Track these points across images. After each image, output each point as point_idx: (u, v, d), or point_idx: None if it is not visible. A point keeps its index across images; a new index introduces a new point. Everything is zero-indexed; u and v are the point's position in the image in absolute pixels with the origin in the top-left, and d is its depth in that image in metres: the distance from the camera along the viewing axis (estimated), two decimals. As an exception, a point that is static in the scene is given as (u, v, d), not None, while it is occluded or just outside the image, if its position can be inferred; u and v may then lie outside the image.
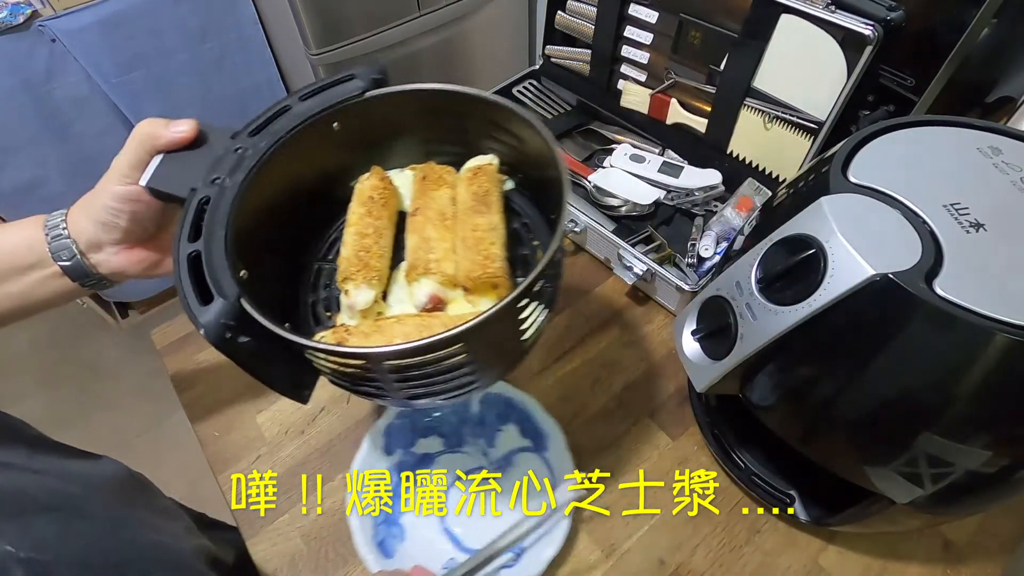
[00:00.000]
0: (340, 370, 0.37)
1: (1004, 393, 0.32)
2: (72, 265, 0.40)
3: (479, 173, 0.46)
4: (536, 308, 0.38)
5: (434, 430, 0.58)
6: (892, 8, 0.53)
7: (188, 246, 0.37)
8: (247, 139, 0.42)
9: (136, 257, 0.42)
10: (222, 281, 0.35)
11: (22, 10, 1.09)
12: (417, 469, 0.55)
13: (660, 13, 0.70)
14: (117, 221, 0.40)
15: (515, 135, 0.45)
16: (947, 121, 0.42)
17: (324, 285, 0.47)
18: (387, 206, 0.46)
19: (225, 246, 0.36)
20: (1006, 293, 0.31)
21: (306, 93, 0.44)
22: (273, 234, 0.43)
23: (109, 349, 1.68)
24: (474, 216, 0.44)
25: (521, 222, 0.48)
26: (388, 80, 0.46)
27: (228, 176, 0.39)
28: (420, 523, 0.53)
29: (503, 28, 1.50)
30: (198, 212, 0.38)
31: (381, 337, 0.37)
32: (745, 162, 0.70)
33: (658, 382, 0.62)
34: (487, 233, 0.42)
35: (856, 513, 0.45)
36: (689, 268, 0.66)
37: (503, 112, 0.44)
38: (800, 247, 0.36)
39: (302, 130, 0.43)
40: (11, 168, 1.26)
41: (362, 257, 0.43)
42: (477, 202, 0.44)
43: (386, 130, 0.49)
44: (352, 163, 0.48)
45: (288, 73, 1.44)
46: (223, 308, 0.34)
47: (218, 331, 0.33)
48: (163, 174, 0.40)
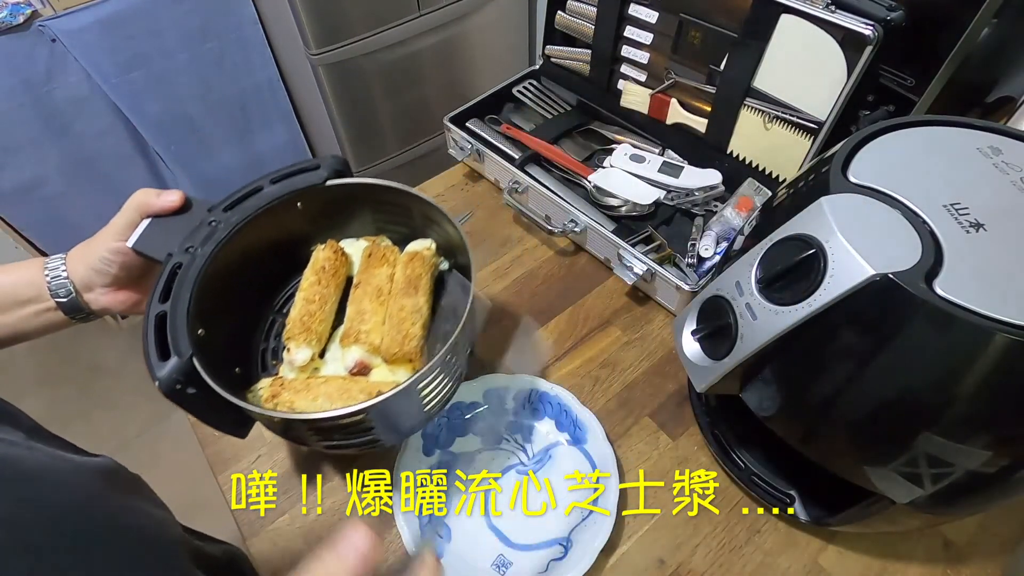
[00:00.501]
0: (269, 423, 0.47)
1: (1004, 393, 0.32)
2: (67, 302, 0.47)
3: (414, 259, 0.54)
4: (439, 384, 0.46)
5: (471, 429, 0.58)
6: (892, 8, 0.53)
7: (158, 306, 0.44)
8: (221, 213, 0.50)
9: (121, 297, 0.49)
10: (180, 341, 0.42)
11: (22, 10, 1.09)
12: (456, 468, 0.55)
13: (660, 13, 0.70)
14: (109, 269, 0.47)
15: (442, 225, 0.54)
16: (947, 121, 0.42)
17: (275, 335, 0.56)
18: (336, 275, 0.55)
19: (188, 309, 0.44)
20: (1006, 293, 0.31)
21: (276, 177, 0.53)
22: (234, 294, 0.51)
23: (109, 349, 1.68)
24: (403, 297, 0.52)
25: (449, 300, 0.57)
26: (348, 171, 0.55)
27: (200, 246, 0.47)
28: (465, 521, 0.53)
29: (503, 28, 1.50)
30: (170, 276, 0.46)
31: (308, 394, 0.46)
32: (745, 162, 0.70)
33: (658, 382, 0.62)
34: (411, 314, 0.51)
35: (856, 513, 0.45)
36: (689, 268, 0.66)
37: (431, 208, 0.53)
38: (800, 247, 0.36)
39: (268, 208, 0.52)
40: (11, 168, 1.26)
41: (306, 321, 0.51)
42: (408, 285, 0.52)
43: (343, 210, 0.58)
44: (312, 232, 0.57)
45: (288, 73, 1.44)
46: (176, 365, 0.41)
47: (170, 384, 0.41)
48: (147, 236, 0.47)
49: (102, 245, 0.47)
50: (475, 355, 0.62)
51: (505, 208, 0.78)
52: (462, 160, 0.82)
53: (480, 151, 0.78)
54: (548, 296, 0.70)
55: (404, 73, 1.35)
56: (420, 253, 0.55)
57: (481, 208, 0.79)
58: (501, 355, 0.64)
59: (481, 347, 0.65)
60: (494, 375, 0.60)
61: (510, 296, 0.70)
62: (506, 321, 0.67)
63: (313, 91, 1.33)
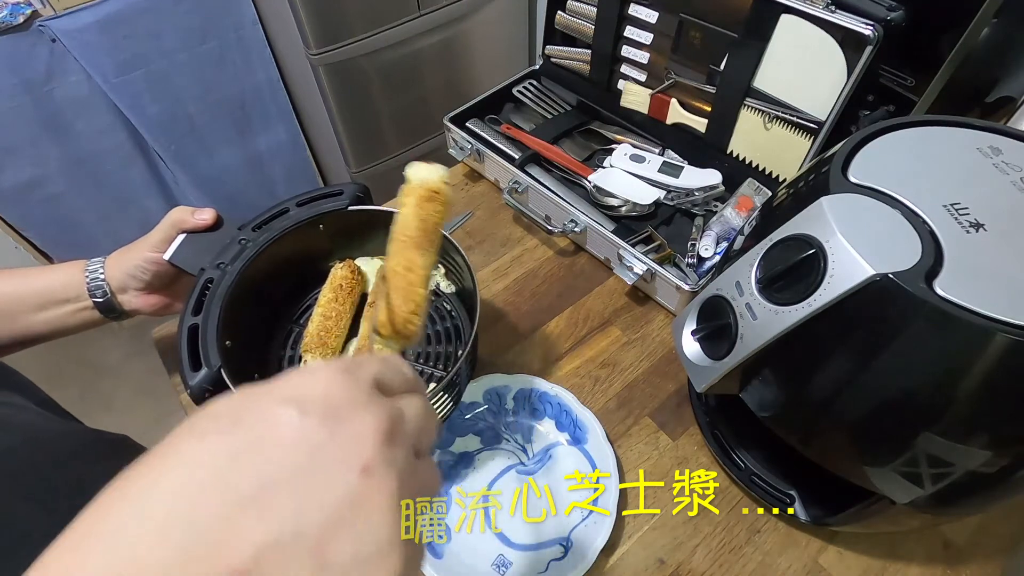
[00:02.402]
0: None
1: (1004, 393, 0.32)
2: (103, 302, 0.52)
3: (433, 199, 0.39)
4: (440, 402, 0.49)
5: (470, 429, 0.58)
6: (892, 8, 0.53)
7: (190, 318, 0.49)
8: (250, 232, 0.55)
9: (152, 300, 0.55)
10: (210, 353, 0.47)
11: (22, 10, 1.09)
12: (457, 468, 0.55)
13: (660, 13, 0.70)
14: (143, 276, 0.52)
15: (451, 254, 0.57)
16: (947, 121, 0.42)
17: (292, 345, 0.60)
18: (352, 294, 0.58)
19: (218, 322, 0.48)
20: (1006, 293, 0.31)
21: (302, 200, 0.58)
22: (258, 307, 0.56)
23: (110, 349, 1.68)
24: (413, 250, 0.39)
25: (453, 323, 0.60)
26: (369, 198, 0.60)
27: (230, 263, 0.52)
28: (465, 523, 0.53)
29: (503, 28, 1.50)
30: (202, 290, 0.50)
31: None
32: (745, 162, 0.70)
33: (658, 382, 0.62)
34: (421, 278, 0.38)
35: (856, 513, 0.45)
36: (689, 268, 0.66)
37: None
38: (800, 247, 0.36)
39: (293, 229, 0.56)
40: (11, 168, 1.26)
41: (322, 336, 0.54)
42: (422, 234, 0.39)
43: (361, 232, 0.62)
44: (331, 249, 0.62)
45: (288, 73, 1.44)
46: (206, 375, 0.45)
47: (200, 392, 0.45)
48: (182, 250, 0.52)
49: (139, 255, 0.52)
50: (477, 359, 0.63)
51: (505, 208, 0.78)
52: (462, 160, 0.82)
53: (480, 151, 0.78)
54: (548, 296, 0.70)
55: (404, 73, 1.35)
56: (441, 192, 0.40)
57: (481, 208, 0.79)
58: (501, 355, 0.65)
59: (481, 347, 0.65)
60: (494, 375, 0.60)
61: (510, 296, 0.70)
62: (506, 321, 0.67)
63: (313, 91, 1.33)
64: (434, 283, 0.61)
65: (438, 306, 0.62)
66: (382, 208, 0.59)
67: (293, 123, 1.54)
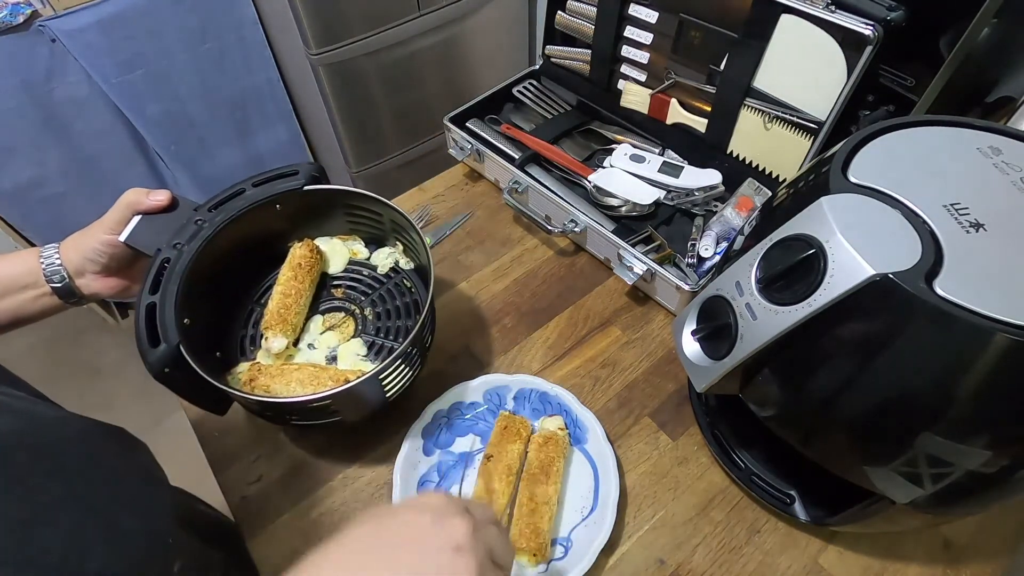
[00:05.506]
0: (246, 404, 0.52)
1: (1004, 393, 0.32)
2: (61, 287, 0.51)
3: (549, 441, 0.54)
4: (400, 374, 0.50)
5: (470, 429, 0.58)
6: (892, 8, 0.53)
7: (148, 297, 0.49)
8: (206, 213, 0.54)
9: (111, 283, 0.54)
10: (168, 330, 0.47)
11: (22, 10, 1.09)
12: (457, 468, 0.55)
13: (660, 13, 0.70)
14: (100, 259, 0.52)
15: (408, 232, 0.58)
16: (947, 121, 0.42)
17: (253, 323, 0.60)
18: (311, 272, 0.59)
19: (176, 300, 0.49)
20: (1006, 293, 0.31)
21: (258, 180, 0.57)
22: (217, 286, 0.56)
23: (109, 349, 1.68)
24: (534, 485, 0.52)
25: (412, 298, 0.61)
26: (325, 178, 0.60)
27: (187, 243, 0.52)
28: None
29: (503, 28, 1.49)
30: (159, 270, 0.50)
31: (282, 379, 0.51)
32: (745, 162, 0.70)
33: (658, 382, 0.62)
34: (540, 506, 0.51)
35: (856, 513, 0.45)
36: (689, 268, 0.66)
37: (397, 214, 0.58)
38: (800, 247, 0.36)
39: (250, 209, 0.56)
40: (11, 168, 1.26)
41: (282, 313, 0.55)
42: (541, 471, 0.52)
43: (318, 211, 0.62)
44: (289, 229, 0.62)
45: (288, 73, 1.44)
46: (165, 351, 0.46)
47: (159, 368, 0.46)
48: (138, 232, 0.51)
49: (95, 237, 0.51)
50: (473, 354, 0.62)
51: (505, 208, 0.78)
52: (462, 160, 0.82)
53: (480, 151, 0.78)
54: (548, 296, 0.70)
55: (404, 73, 1.35)
56: (555, 435, 0.54)
57: (481, 208, 0.79)
58: (501, 355, 0.65)
59: (481, 347, 0.65)
60: (494, 375, 0.60)
61: (510, 296, 0.70)
62: (506, 321, 0.67)
63: (313, 91, 1.33)
64: (393, 260, 0.63)
65: (398, 282, 0.62)
66: (337, 187, 0.59)
67: (293, 123, 1.54)
